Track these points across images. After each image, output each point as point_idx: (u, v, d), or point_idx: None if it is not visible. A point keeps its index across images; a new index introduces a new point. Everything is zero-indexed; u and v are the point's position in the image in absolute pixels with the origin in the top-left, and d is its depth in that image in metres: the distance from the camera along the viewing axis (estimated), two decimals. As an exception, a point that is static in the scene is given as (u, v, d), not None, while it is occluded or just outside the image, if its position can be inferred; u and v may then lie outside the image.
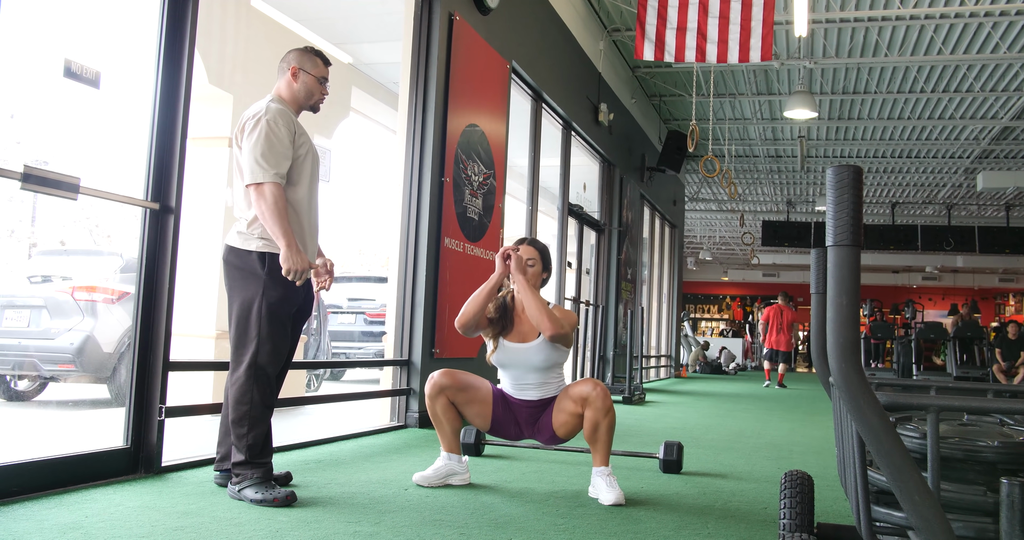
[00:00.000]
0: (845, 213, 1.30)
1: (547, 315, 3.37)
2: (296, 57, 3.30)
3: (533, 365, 3.48)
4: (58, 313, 6.04)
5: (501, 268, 3.50)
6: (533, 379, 3.51)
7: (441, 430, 3.55)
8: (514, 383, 3.55)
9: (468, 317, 3.47)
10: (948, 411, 1.66)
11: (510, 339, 3.53)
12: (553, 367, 3.52)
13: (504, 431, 3.59)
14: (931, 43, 9.85)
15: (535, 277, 3.58)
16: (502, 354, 3.53)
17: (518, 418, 3.55)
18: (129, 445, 3.35)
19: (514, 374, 3.53)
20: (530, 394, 3.53)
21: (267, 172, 3.02)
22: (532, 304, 3.40)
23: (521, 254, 3.56)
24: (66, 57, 3.36)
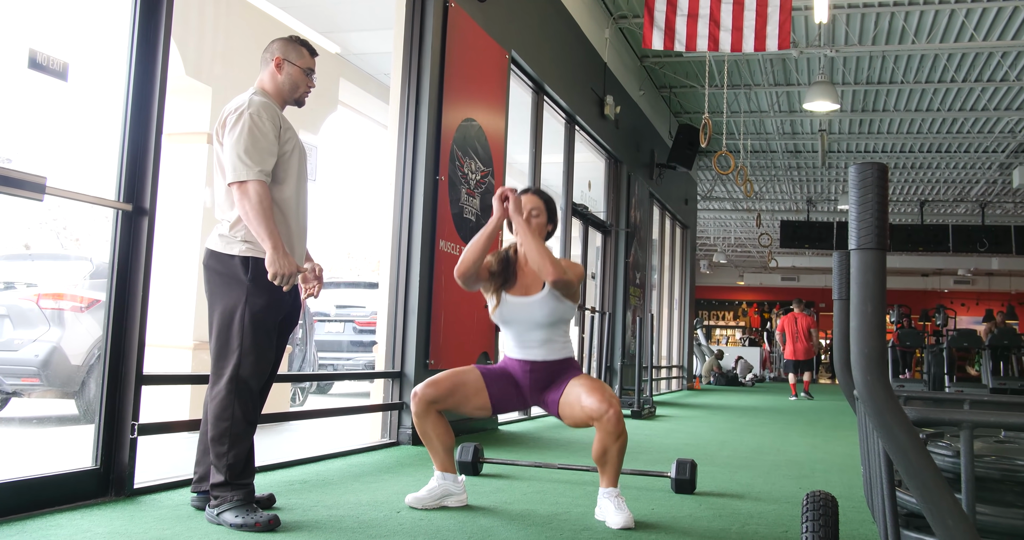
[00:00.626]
0: (869, 214, 1.29)
1: (549, 259, 3.37)
2: (280, 47, 3.29)
3: (537, 320, 3.49)
4: (22, 322, 6.03)
5: (499, 211, 3.49)
6: (537, 336, 3.51)
7: (432, 449, 3.54)
8: (517, 341, 3.54)
9: (467, 265, 3.46)
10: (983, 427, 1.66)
11: (513, 293, 3.55)
12: (558, 323, 3.52)
13: (508, 406, 3.58)
14: (962, 29, 9.86)
15: (539, 230, 3.57)
16: (504, 309, 3.53)
17: (521, 386, 3.53)
18: (99, 465, 3.34)
19: (517, 331, 3.53)
20: (534, 353, 3.51)
21: (251, 169, 3.01)
22: (532, 247, 3.39)
23: (524, 203, 3.56)
24: (31, 47, 3.36)
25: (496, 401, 3.53)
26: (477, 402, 3.52)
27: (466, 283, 3.53)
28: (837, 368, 2.25)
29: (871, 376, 1.29)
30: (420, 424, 3.49)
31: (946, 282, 30.15)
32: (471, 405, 3.52)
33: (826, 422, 9.28)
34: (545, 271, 3.37)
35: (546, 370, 3.52)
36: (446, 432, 3.53)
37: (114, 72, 3.55)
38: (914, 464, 1.25)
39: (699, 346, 19.52)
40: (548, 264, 3.36)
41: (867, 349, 1.29)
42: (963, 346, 13.71)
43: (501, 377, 3.55)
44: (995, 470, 1.73)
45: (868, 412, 1.29)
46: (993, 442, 1.98)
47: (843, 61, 11.39)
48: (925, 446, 1.26)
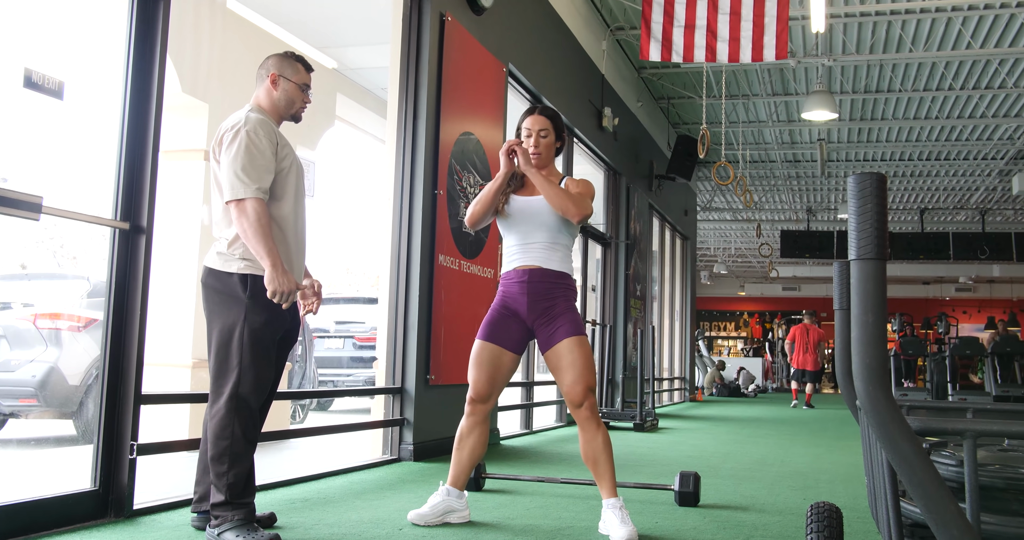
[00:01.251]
0: (868, 224, 1.30)
1: (570, 200, 3.44)
2: (276, 63, 3.31)
3: (542, 220, 3.52)
4: (18, 343, 6.02)
5: (507, 165, 3.54)
6: (541, 237, 3.53)
7: (459, 461, 3.56)
8: (520, 244, 3.56)
9: (478, 216, 3.56)
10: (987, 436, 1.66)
11: (519, 193, 3.61)
12: (562, 229, 3.55)
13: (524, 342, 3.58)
14: (959, 37, 9.90)
15: (548, 149, 3.63)
16: (511, 208, 3.58)
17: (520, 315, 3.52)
18: (97, 486, 3.33)
19: (522, 232, 3.55)
20: (535, 257, 3.52)
21: (248, 187, 3.02)
22: (551, 193, 3.46)
23: (530, 126, 3.62)
24: (26, 66, 3.37)
25: (513, 347, 3.55)
26: (508, 365, 3.56)
27: (476, 228, 3.64)
28: (839, 378, 2.25)
29: (873, 387, 1.29)
30: (468, 430, 3.55)
31: (947, 290, 30.16)
32: (506, 371, 3.57)
33: (830, 432, 9.26)
34: (570, 213, 3.44)
35: (543, 281, 3.51)
36: (482, 446, 3.60)
37: (110, 90, 3.56)
38: (918, 474, 1.25)
39: (701, 357, 19.50)
40: (571, 205, 3.44)
41: (869, 359, 1.30)
42: (966, 354, 13.67)
43: (500, 319, 3.56)
44: (999, 479, 1.73)
45: (871, 423, 1.29)
46: (997, 451, 1.97)
47: (841, 70, 11.43)
48: (928, 456, 1.26)
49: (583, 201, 3.48)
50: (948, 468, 1.78)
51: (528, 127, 3.63)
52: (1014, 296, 29.78)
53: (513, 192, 3.62)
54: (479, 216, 3.56)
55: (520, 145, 3.54)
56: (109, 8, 4.57)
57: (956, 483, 1.74)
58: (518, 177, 3.66)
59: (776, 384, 23.90)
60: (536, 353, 8.18)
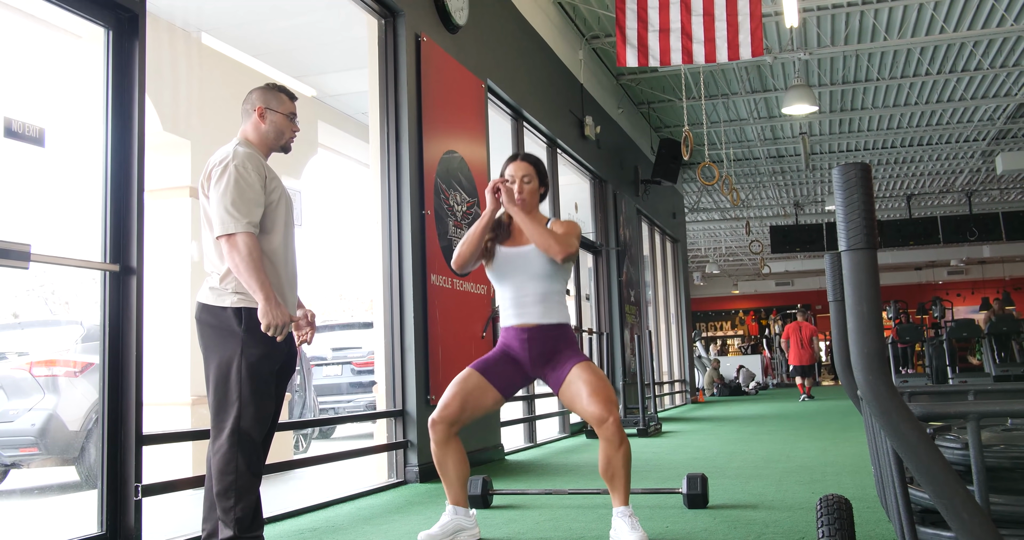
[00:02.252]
0: (856, 214, 1.31)
1: (553, 239, 3.42)
2: (260, 96, 3.31)
3: (533, 271, 3.50)
4: (15, 393, 6.00)
5: (492, 203, 3.54)
6: (533, 289, 3.50)
7: (447, 479, 3.52)
8: (514, 298, 3.53)
9: (465, 258, 3.53)
10: (990, 417, 1.66)
11: (506, 244, 3.59)
12: (555, 277, 3.53)
13: (516, 388, 3.57)
14: (932, 22, 9.96)
15: (532, 194, 3.61)
16: (499, 261, 3.56)
17: (520, 362, 3.52)
18: (104, 531, 3.31)
19: (513, 285, 3.53)
20: (531, 313, 3.50)
21: (239, 222, 3.02)
22: (534, 232, 3.44)
23: (513, 172, 3.61)
24: (5, 116, 3.38)
25: (503, 388, 3.53)
26: (489, 400, 3.52)
27: (463, 271, 3.60)
28: (839, 370, 2.26)
29: (873, 375, 1.29)
30: (440, 453, 3.48)
31: (940, 274, 30.22)
32: (485, 406, 3.53)
33: (834, 424, 9.27)
34: (554, 251, 3.42)
35: (543, 337, 3.50)
36: (463, 462, 3.52)
37: (91, 133, 3.57)
38: (924, 460, 1.25)
39: (699, 358, 19.50)
40: (554, 244, 3.42)
41: (867, 349, 1.30)
42: (963, 336, 13.72)
43: (499, 360, 3.54)
44: (1005, 459, 1.73)
45: (873, 412, 1.30)
46: (1000, 431, 1.98)
47: (817, 63, 11.48)
48: (933, 441, 1.27)
49: (567, 239, 3.45)
50: (953, 452, 1.78)
51: (511, 173, 3.62)
52: (1006, 275, 29.85)
53: (500, 243, 3.59)
54: (466, 257, 3.53)
55: (505, 183, 3.54)
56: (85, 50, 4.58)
57: (963, 466, 1.75)
58: (504, 226, 3.63)
59: (776, 380, 23.90)
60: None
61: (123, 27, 3.65)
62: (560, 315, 3.55)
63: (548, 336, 3.50)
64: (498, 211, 3.57)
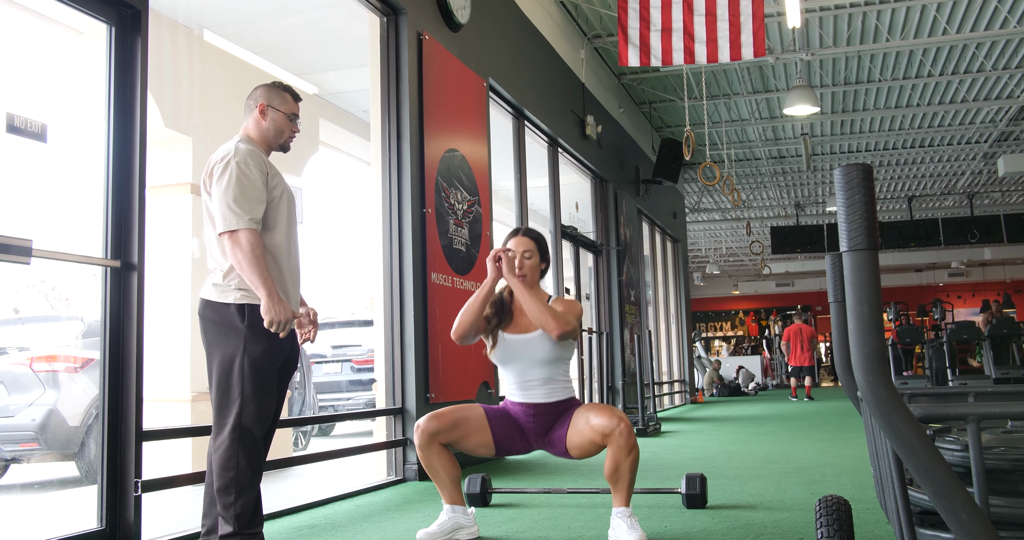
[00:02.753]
0: (858, 215, 1.31)
1: (550, 315, 3.39)
2: (264, 93, 3.32)
3: (537, 358, 3.49)
4: (16, 388, 6.00)
5: (493, 272, 3.52)
6: (538, 374, 3.50)
7: (439, 481, 3.53)
8: (518, 381, 3.54)
9: (465, 328, 3.51)
10: (989, 419, 1.66)
11: (509, 331, 3.56)
12: (559, 360, 3.52)
13: (512, 449, 3.58)
14: (935, 23, 9.96)
15: (533, 270, 3.60)
16: (503, 348, 3.54)
17: (524, 430, 3.53)
18: (104, 526, 3.32)
19: (518, 370, 3.53)
20: (536, 394, 3.51)
21: (241, 218, 3.02)
22: (532, 307, 3.42)
23: (514, 247, 3.60)
24: (8, 111, 3.38)
25: (499, 441, 3.53)
26: (480, 439, 3.52)
27: (464, 341, 3.56)
28: (839, 370, 2.26)
29: (873, 376, 1.30)
30: (424, 457, 3.48)
31: (940, 276, 30.21)
32: (473, 442, 3.52)
33: (833, 425, 9.27)
34: (549, 327, 3.39)
35: (549, 413, 3.52)
36: (451, 464, 3.52)
37: (93, 129, 3.57)
38: (924, 462, 1.26)
39: (699, 359, 19.50)
40: (551, 320, 3.38)
41: (867, 349, 1.30)
42: (963, 338, 13.72)
43: (504, 418, 3.55)
44: (1005, 461, 1.74)
45: (873, 412, 1.30)
46: (1000, 433, 1.98)
47: (820, 64, 11.48)
48: (933, 443, 1.27)
49: (564, 317, 3.42)
50: (953, 453, 1.78)
51: (512, 248, 3.62)
52: (1007, 278, 29.84)
53: (504, 329, 3.57)
54: (467, 326, 3.50)
55: (506, 253, 3.53)
56: (87, 47, 4.59)
57: (962, 468, 1.75)
58: (507, 306, 3.61)
59: (776, 381, 23.90)
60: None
61: (125, 23, 3.65)
62: (565, 392, 3.56)
63: (554, 411, 3.53)
64: (499, 281, 3.54)
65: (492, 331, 3.57)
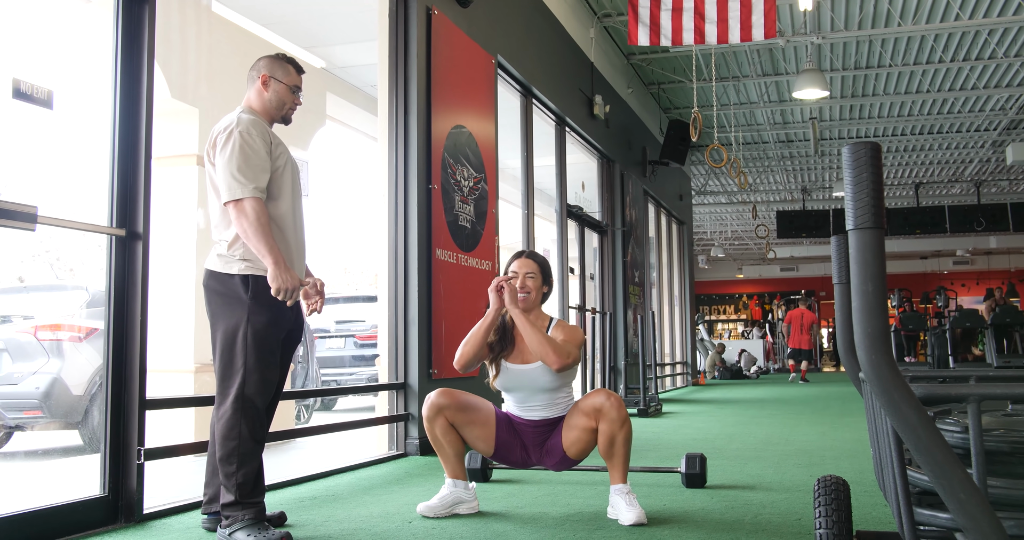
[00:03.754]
0: (865, 193, 1.30)
1: (551, 347, 3.37)
2: (266, 65, 3.31)
3: (540, 386, 3.49)
4: (20, 356, 6.02)
5: (496, 302, 3.50)
6: (540, 400, 3.52)
7: (443, 454, 3.54)
8: (520, 405, 3.56)
9: (468, 358, 3.50)
10: (990, 400, 1.66)
11: (511, 360, 3.55)
12: (561, 387, 3.53)
13: (509, 456, 3.59)
14: (947, 9, 9.89)
15: (535, 293, 3.60)
16: (505, 377, 3.54)
17: (524, 440, 3.55)
18: (107, 493, 3.34)
19: (520, 396, 3.55)
20: (539, 414, 3.54)
21: (245, 187, 3.02)
22: (533, 338, 3.40)
23: (517, 269, 3.60)
24: (14, 77, 3.37)
25: (500, 443, 3.54)
26: (482, 432, 3.53)
27: (466, 370, 3.57)
28: (841, 352, 2.25)
29: (876, 355, 1.29)
30: (430, 429, 3.50)
31: (945, 263, 30.18)
32: (476, 432, 3.53)
33: (833, 409, 9.28)
34: (549, 361, 3.38)
35: (550, 425, 3.54)
36: (456, 438, 3.54)
37: (100, 98, 3.56)
38: (924, 441, 1.26)
39: (702, 341, 19.51)
40: (551, 353, 3.37)
41: (870, 328, 1.30)
42: (966, 326, 13.71)
43: (509, 425, 3.57)
44: (1004, 443, 1.74)
45: (875, 391, 1.30)
46: (1000, 416, 1.98)
47: (830, 47, 11.42)
48: (934, 423, 1.27)
49: (565, 348, 3.40)
50: (953, 435, 1.78)
51: (515, 270, 3.62)
52: (1012, 267, 29.80)
53: (506, 358, 3.56)
54: (469, 357, 3.50)
55: (508, 281, 3.51)
56: (94, 15, 4.57)
57: (962, 449, 1.75)
58: (509, 334, 3.59)
59: (778, 365, 23.92)
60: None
61: (134, -9, 3.63)
62: (567, 408, 3.56)
63: (555, 423, 3.54)
64: (501, 311, 3.53)
65: (495, 360, 3.57)
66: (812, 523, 3.10)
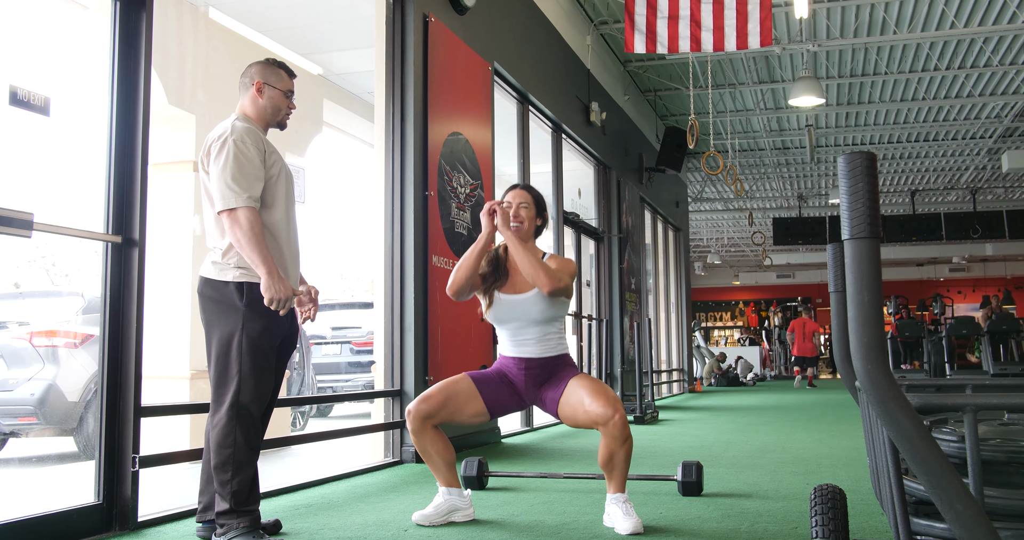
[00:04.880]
0: (860, 203, 1.30)
1: (542, 270, 3.39)
2: (259, 71, 3.31)
3: (532, 318, 3.49)
4: (15, 362, 6.01)
5: (488, 226, 3.53)
6: (532, 333, 3.52)
7: (433, 465, 3.54)
8: (512, 338, 3.55)
9: (460, 283, 3.50)
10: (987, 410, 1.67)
11: (504, 291, 3.56)
12: (553, 319, 3.53)
13: (506, 408, 3.58)
14: (943, 17, 9.92)
15: (528, 223, 3.60)
16: (498, 308, 3.54)
17: (516, 386, 3.53)
18: (101, 500, 3.33)
19: (512, 328, 3.54)
20: (530, 349, 3.52)
21: (239, 196, 3.02)
22: (524, 260, 3.41)
23: (511, 199, 3.60)
24: (11, 83, 3.37)
25: (492, 405, 3.53)
26: (472, 409, 3.51)
27: (459, 297, 3.56)
28: (837, 360, 2.26)
29: (872, 365, 1.29)
30: (418, 441, 3.49)
31: (941, 271, 30.21)
32: (467, 413, 3.51)
33: (830, 417, 9.28)
34: (540, 283, 3.38)
35: (541, 367, 3.52)
36: (445, 447, 3.53)
37: (96, 104, 3.56)
38: (920, 450, 1.26)
39: (698, 348, 19.51)
40: (542, 275, 3.38)
41: (867, 338, 1.30)
42: (962, 333, 13.71)
43: (494, 380, 3.55)
44: (1001, 453, 1.74)
45: (871, 401, 1.30)
46: (997, 425, 1.98)
47: (826, 55, 11.44)
48: (930, 432, 1.27)
49: (557, 275, 3.42)
50: (949, 444, 1.79)
51: (509, 200, 3.62)
52: (1008, 274, 29.84)
53: (499, 289, 3.57)
54: (461, 282, 3.50)
55: (500, 205, 3.52)
56: (91, 22, 4.57)
57: (958, 459, 1.75)
58: (502, 265, 3.60)
59: (774, 372, 23.92)
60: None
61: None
62: (559, 348, 3.56)
63: (547, 365, 3.53)
64: (494, 235, 3.54)
65: (488, 291, 3.57)
66: (808, 532, 3.10)
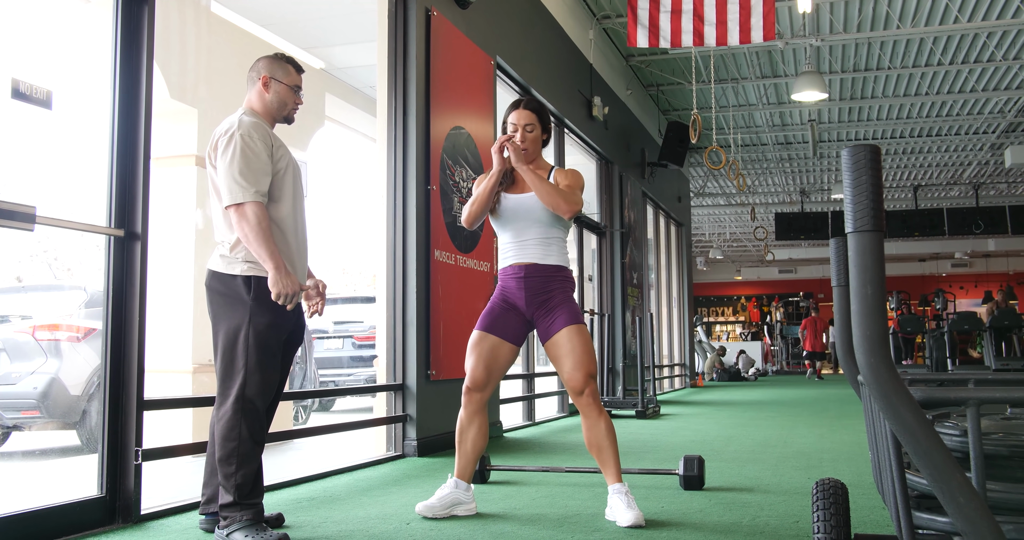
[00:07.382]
0: (864, 196, 1.30)
1: (562, 198, 3.47)
2: (266, 65, 3.30)
3: (535, 216, 3.54)
4: (18, 356, 6.02)
5: (499, 163, 3.57)
6: (534, 234, 3.55)
7: (463, 452, 3.58)
8: (514, 241, 3.58)
9: (475, 217, 3.60)
10: (989, 404, 1.66)
11: (510, 191, 3.63)
12: (557, 222, 3.57)
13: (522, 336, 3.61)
14: (946, 11, 9.90)
15: (535, 143, 3.64)
16: (503, 207, 3.60)
17: (519, 307, 3.56)
18: (104, 493, 3.33)
19: (515, 230, 3.58)
20: (531, 253, 3.54)
21: (247, 191, 3.02)
22: (543, 191, 3.48)
23: (515, 121, 3.63)
24: (13, 77, 3.36)
25: (513, 338, 3.58)
26: (505, 356, 3.59)
27: (474, 227, 3.69)
28: (840, 355, 2.25)
29: (875, 358, 1.29)
30: (467, 421, 3.57)
31: (944, 266, 30.20)
32: (504, 362, 3.60)
33: (832, 412, 9.29)
34: (561, 209, 3.47)
35: (540, 275, 3.54)
36: (483, 436, 3.60)
37: (99, 98, 3.55)
38: (922, 444, 1.25)
39: (700, 343, 19.52)
40: (562, 201, 3.46)
41: (869, 331, 1.30)
42: (964, 329, 13.71)
43: (500, 312, 3.59)
44: (1003, 447, 1.73)
45: (874, 394, 1.29)
46: (999, 419, 1.98)
47: (829, 50, 11.42)
48: (932, 426, 1.27)
49: (573, 195, 3.50)
50: (952, 438, 1.78)
51: (513, 122, 3.64)
52: (1010, 270, 29.82)
53: (504, 190, 3.63)
54: (476, 215, 3.58)
55: (511, 141, 3.55)
56: (94, 15, 4.56)
57: (960, 453, 1.75)
58: (508, 173, 3.66)
59: (776, 367, 23.92)
60: (536, 344, 8.19)
61: (134, -8, 3.63)
62: (559, 258, 3.59)
63: (545, 275, 3.55)
64: (504, 170, 3.59)
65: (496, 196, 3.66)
66: (810, 526, 3.10)
